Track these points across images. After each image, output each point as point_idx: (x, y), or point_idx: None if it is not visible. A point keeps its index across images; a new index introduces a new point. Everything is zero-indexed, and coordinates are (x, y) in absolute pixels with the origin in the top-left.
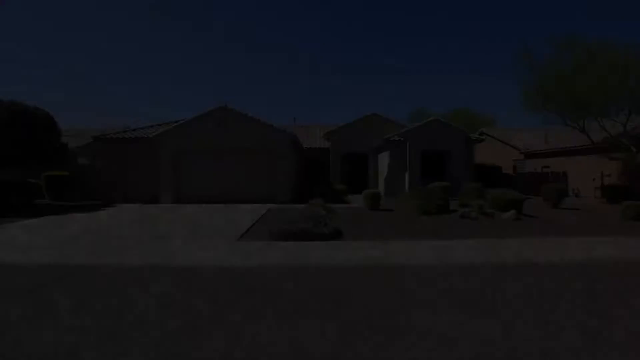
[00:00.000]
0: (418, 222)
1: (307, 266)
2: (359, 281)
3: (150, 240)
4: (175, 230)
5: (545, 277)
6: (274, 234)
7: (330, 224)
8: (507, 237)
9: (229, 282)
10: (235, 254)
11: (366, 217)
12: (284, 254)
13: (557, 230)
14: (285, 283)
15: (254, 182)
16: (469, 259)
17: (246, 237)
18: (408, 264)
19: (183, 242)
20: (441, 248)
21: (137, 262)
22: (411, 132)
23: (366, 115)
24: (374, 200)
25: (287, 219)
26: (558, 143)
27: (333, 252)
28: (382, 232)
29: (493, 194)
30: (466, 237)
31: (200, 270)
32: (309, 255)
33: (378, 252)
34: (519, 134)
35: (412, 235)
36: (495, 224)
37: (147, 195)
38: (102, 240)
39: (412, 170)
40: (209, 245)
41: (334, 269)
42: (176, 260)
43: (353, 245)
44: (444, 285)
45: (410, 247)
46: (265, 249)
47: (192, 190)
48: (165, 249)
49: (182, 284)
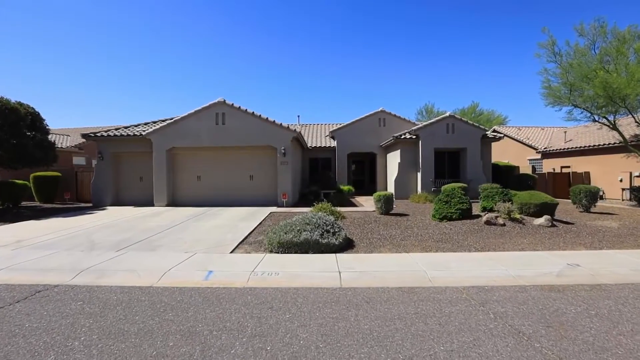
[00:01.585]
0: (439, 228)
1: (309, 291)
2: (390, 319)
3: (115, 251)
4: (156, 240)
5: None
6: (273, 244)
7: (339, 232)
8: (552, 248)
9: (186, 321)
10: (218, 270)
11: (378, 222)
12: (282, 271)
13: (606, 241)
14: (280, 317)
15: (254, 183)
16: (529, 279)
17: (241, 247)
18: (448, 286)
19: (158, 256)
20: (484, 263)
21: (68, 279)
22: (424, 129)
23: (374, 112)
24: (386, 203)
25: (290, 225)
26: (578, 141)
27: (345, 269)
28: (400, 242)
29: (520, 197)
30: (502, 248)
31: (157, 298)
32: (313, 274)
33: (403, 268)
34: (532, 132)
35: (437, 245)
36: (529, 232)
37: (140, 198)
38: (53, 251)
39: (424, 170)
40: (190, 260)
41: (349, 293)
42: (122, 278)
43: (369, 259)
44: (532, 322)
45: (440, 261)
46: (262, 264)
47: (188, 192)
48: (129, 263)
49: (90, 312)
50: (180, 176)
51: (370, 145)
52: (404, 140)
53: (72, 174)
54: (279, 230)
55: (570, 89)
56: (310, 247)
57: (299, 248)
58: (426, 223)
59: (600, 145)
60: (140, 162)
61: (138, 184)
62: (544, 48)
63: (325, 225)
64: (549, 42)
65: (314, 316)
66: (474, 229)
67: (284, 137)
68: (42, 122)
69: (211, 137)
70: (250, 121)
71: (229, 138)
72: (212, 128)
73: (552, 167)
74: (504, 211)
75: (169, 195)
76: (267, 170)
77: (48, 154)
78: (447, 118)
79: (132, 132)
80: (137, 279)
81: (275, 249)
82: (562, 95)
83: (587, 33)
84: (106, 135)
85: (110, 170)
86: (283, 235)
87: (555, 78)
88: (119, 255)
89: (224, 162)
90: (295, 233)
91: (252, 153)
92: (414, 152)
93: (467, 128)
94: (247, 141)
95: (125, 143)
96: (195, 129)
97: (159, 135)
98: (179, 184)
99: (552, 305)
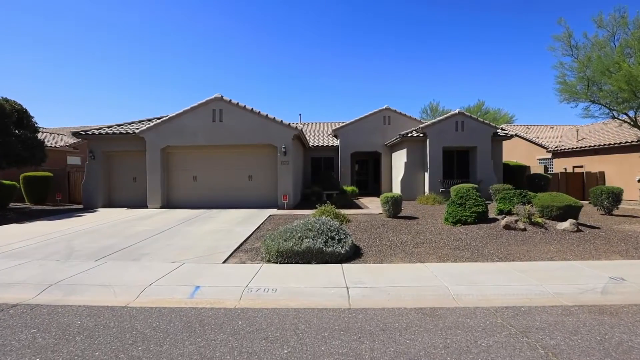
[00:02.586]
0: (453, 234)
1: (312, 313)
2: (415, 356)
3: (94, 260)
4: (142, 247)
5: None
6: (271, 253)
7: (345, 239)
8: (584, 257)
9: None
10: (207, 285)
11: (387, 226)
12: (281, 286)
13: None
14: (277, 354)
15: (253, 184)
16: (570, 297)
17: (236, 256)
18: (477, 306)
19: (140, 266)
20: (512, 276)
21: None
22: (432, 127)
23: (378, 109)
24: (394, 205)
25: (290, 231)
26: (592, 139)
27: (353, 284)
28: (413, 249)
29: (541, 199)
30: (528, 257)
31: (129, 324)
32: (317, 291)
33: (420, 282)
34: (541, 131)
35: (454, 254)
36: (554, 238)
37: (134, 199)
38: (24, 261)
39: (432, 170)
40: (176, 272)
41: (360, 317)
42: (90, 294)
43: (380, 270)
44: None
45: (461, 273)
46: (258, 277)
47: (183, 193)
48: (106, 276)
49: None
50: (175, 176)
51: (375, 144)
52: (410, 138)
53: (65, 174)
54: (277, 236)
55: (587, 83)
56: (313, 257)
57: (301, 258)
58: (439, 227)
59: (617, 143)
60: (134, 162)
61: (131, 185)
62: (560, 41)
63: (329, 231)
64: (565, 35)
65: (318, 352)
66: (492, 234)
67: (284, 135)
68: (30, 120)
69: (208, 135)
70: (249, 118)
71: (226, 136)
72: (208, 125)
73: (564, 167)
74: (523, 214)
75: (163, 196)
76: (266, 170)
77: (36, 153)
78: (456, 115)
79: (124, 130)
80: (111, 297)
81: (274, 258)
82: (578, 91)
83: (606, 24)
84: (97, 134)
85: (102, 171)
86: (282, 243)
87: (571, 72)
88: (96, 266)
89: (222, 162)
90: (296, 240)
91: (251, 152)
92: (421, 151)
93: (477, 126)
94: (245, 139)
95: (118, 141)
96: (191, 127)
97: (152, 133)
98: (174, 185)
99: (612, 336)
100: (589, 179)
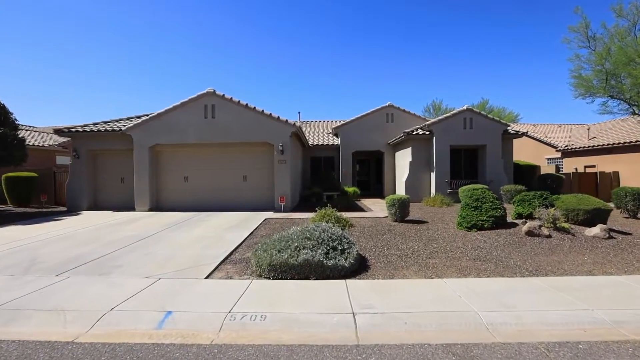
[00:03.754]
0: (470, 241)
1: (311, 352)
2: None
3: (56, 275)
4: (117, 257)
5: None
6: (262, 266)
7: (350, 249)
8: (628, 270)
9: None
10: (181, 311)
11: (394, 232)
12: (272, 312)
13: None
14: None
15: (249, 185)
16: (634, 328)
17: (222, 269)
18: (520, 341)
19: (108, 283)
20: (552, 297)
21: None
22: (438, 124)
23: (381, 106)
24: (401, 208)
25: (285, 240)
26: (604, 138)
27: (361, 308)
28: (428, 260)
29: (565, 202)
30: (562, 270)
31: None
32: (316, 318)
33: (443, 306)
34: (549, 130)
35: (476, 266)
36: (584, 246)
37: (121, 201)
38: None
39: (439, 170)
40: (148, 291)
41: (372, 359)
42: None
43: (392, 288)
44: None
45: (490, 292)
46: (244, 299)
47: (173, 194)
48: (62, 296)
49: None
50: (165, 177)
51: (377, 143)
52: (416, 136)
53: (50, 175)
54: (270, 246)
55: (606, 77)
56: (311, 271)
57: (297, 272)
58: (452, 233)
59: (633, 142)
60: (122, 162)
61: (119, 186)
62: (576, 32)
63: (331, 240)
64: (582, 25)
65: None
66: (513, 241)
67: (282, 132)
68: (8, 116)
69: (199, 132)
70: (243, 114)
71: (219, 133)
72: (200, 122)
73: (574, 166)
74: (547, 219)
75: (152, 198)
76: (263, 170)
77: (14, 152)
78: (464, 112)
79: (111, 127)
80: (59, 327)
81: (265, 273)
82: (595, 85)
83: (626, 14)
84: (82, 131)
85: (88, 171)
86: (276, 255)
87: (588, 65)
88: (55, 283)
89: (215, 161)
90: (291, 252)
91: (246, 150)
92: (427, 149)
93: (486, 123)
94: (240, 137)
95: (104, 140)
96: (181, 123)
97: (140, 130)
98: (163, 186)
99: None
100: (602, 179)
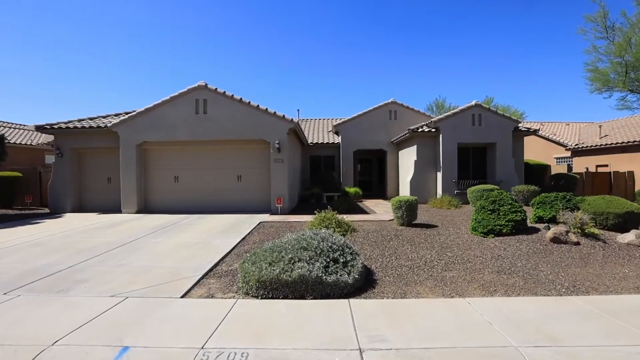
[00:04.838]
0: (488, 249)
1: None
2: None
3: (3, 293)
4: (84, 269)
5: None
6: (250, 282)
7: (353, 261)
8: None
9: None
10: (140, 346)
11: (401, 238)
12: (256, 348)
13: None
14: None
15: (243, 185)
16: None
17: (203, 284)
18: None
19: (63, 304)
20: (603, 323)
21: None
22: (445, 121)
23: (384, 103)
24: (408, 211)
25: (278, 250)
26: (617, 136)
27: (369, 340)
28: (444, 273)
29: (592, 204)
30: (602, 285)
31: None
32: (313, 356)
33: (471, 339)
34: (557, 128)
35: (501, 281)
36: (620, 255)
37: (108, 202)
38: None
39: (446, 169)
40: (107, 315)
41: None
42: None
43: (405, 312)
44: None
45: (526, 319)
46: (223, 327)
47: (163, 195)
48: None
49: None
50: (154, 177)
51: (380, 141)
52: (421, 133)
53: (36, 174)
54: (260, 257)
55: (625, 70)
56: (308, 289)
57: (291, 290)
58: (466, 239)
59: None
60: (109, 161)
61: (105, 187)
62: (593, 22)
63: (331, 251)
64: (600, 15)
65: None
66: (537, 249)
67: (278, 128)
68: None
69: (190, 129)
70: (237, 110)
71: (212, 130)
72: (191, 118)
73: (585, 166)
74: (574, 224)
75: (140, 199)
76: (259, 169)
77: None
78: (472, 108)
79: (96, 124)
80: None
81: (253, 290)
82: (613, 79)
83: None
84: (65, 128)
85: (72, 171)
86: (266, 269)
87: (606, 57)
88: (1, 303)
89: (207, 160)
90: (284, 265)
91: (241, 149)
92: (433, 148)
93: (496, 120)
94: (234, 134)
95: (90, 137)
96: (170, 119)
97: (126, 127)
98: (152, 187)
99: None
100: (616, 179)
